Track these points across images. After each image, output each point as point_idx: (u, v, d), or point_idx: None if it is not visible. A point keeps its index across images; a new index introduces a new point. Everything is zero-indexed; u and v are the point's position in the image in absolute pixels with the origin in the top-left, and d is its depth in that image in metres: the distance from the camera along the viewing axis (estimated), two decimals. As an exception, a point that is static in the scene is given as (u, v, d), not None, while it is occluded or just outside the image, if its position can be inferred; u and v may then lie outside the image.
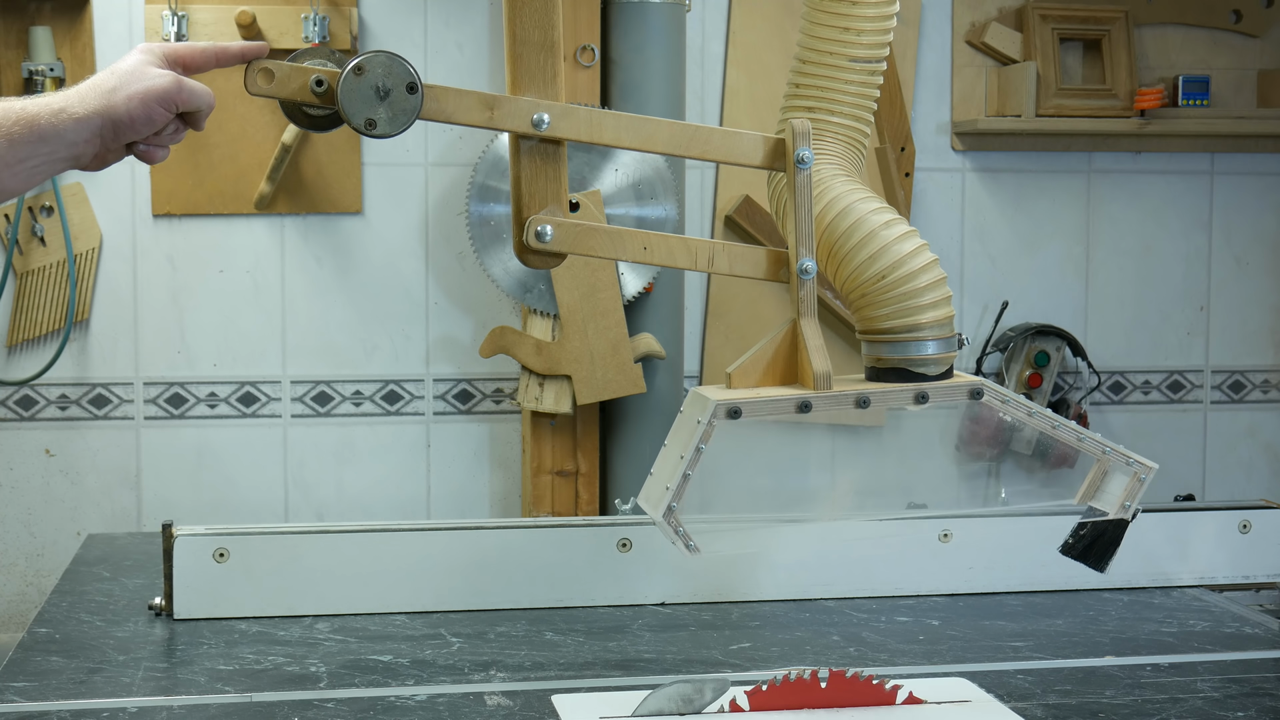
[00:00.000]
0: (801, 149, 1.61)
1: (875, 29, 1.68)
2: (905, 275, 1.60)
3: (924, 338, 1.61)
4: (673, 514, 1.54)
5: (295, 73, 1.60)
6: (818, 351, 1.59)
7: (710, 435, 1.54)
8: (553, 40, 1.62)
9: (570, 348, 3.04)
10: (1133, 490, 1.63)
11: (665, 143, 1.65)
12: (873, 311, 1.61)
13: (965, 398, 1.60)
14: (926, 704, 1.63)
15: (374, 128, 1.59)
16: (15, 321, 3.10)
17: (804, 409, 1.57)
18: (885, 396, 1.60)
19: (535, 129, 1.61)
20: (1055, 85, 3.33)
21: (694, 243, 1.65)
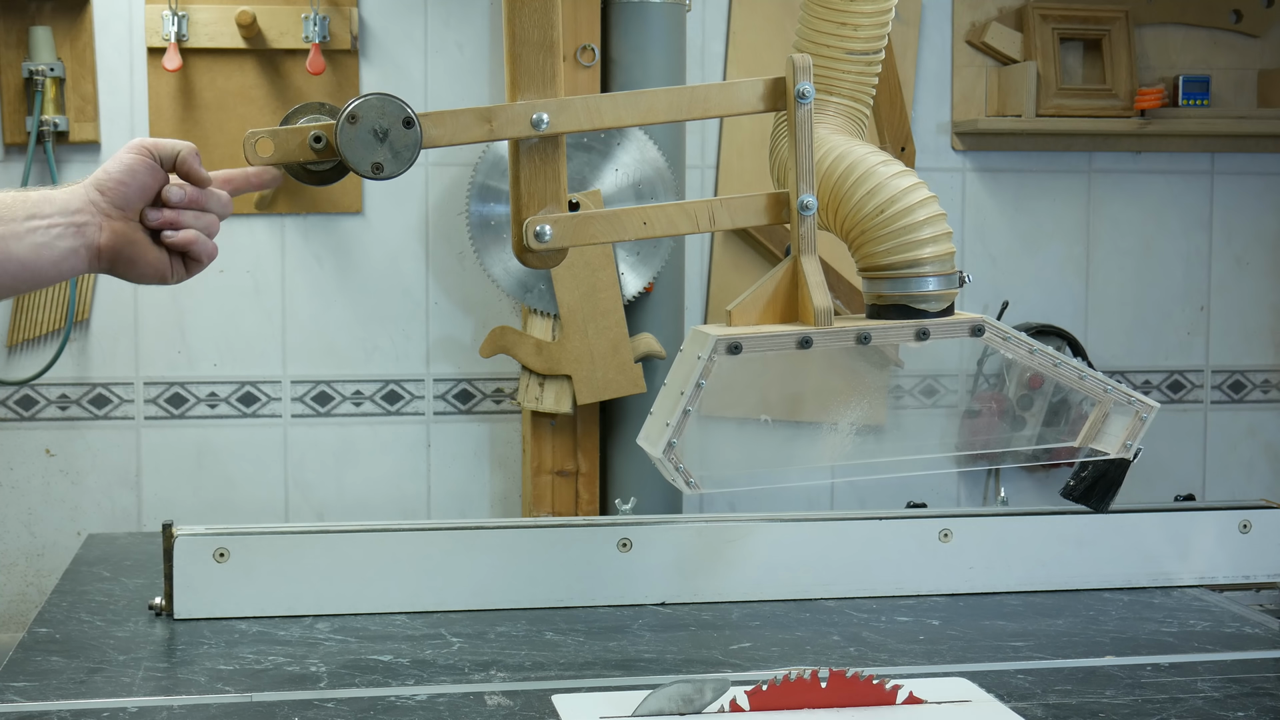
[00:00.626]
0: (802, 83, 1.60)
1: (873, 23, 1.68)
2: (903, 209, 1.60)
3: (924, 273, 1.60)
4: (673, 450, 1.53)
5: (292, 134, 1.61)
6: (818, 288, 1.58)
7: (710, 371, 1.53)
8: (552, 40, 1.62)
9: (570, 348, 3.04)
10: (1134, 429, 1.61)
11: (665, 111, 1.65)
12: (873, 248, 1.60)
13: (966, 334, 1.60)
14: (927, 704, 1.63)
15: (381, 170, 1.59)
16: (15, 321, 3.10)
17: (805, 344, 1.56)
18: (886, 332, 1.59)
19: (535, 130, 1.61)
20: (1055, 85, 3.33)
21: (691, 205, 1.65)
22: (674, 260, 3.12)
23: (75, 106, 3.06)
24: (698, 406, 1.53)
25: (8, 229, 1.50)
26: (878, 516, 2.16)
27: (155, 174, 1.56)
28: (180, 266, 1.59)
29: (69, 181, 1.60)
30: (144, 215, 1.56)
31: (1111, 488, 1.64)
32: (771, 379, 1.74)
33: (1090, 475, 1.64)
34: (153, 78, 3.09)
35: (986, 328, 1.59)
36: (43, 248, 1.51)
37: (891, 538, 2.14)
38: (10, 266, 1.51)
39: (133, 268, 1.57)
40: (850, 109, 1.75)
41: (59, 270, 1.54)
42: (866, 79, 1.73)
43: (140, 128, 3.10)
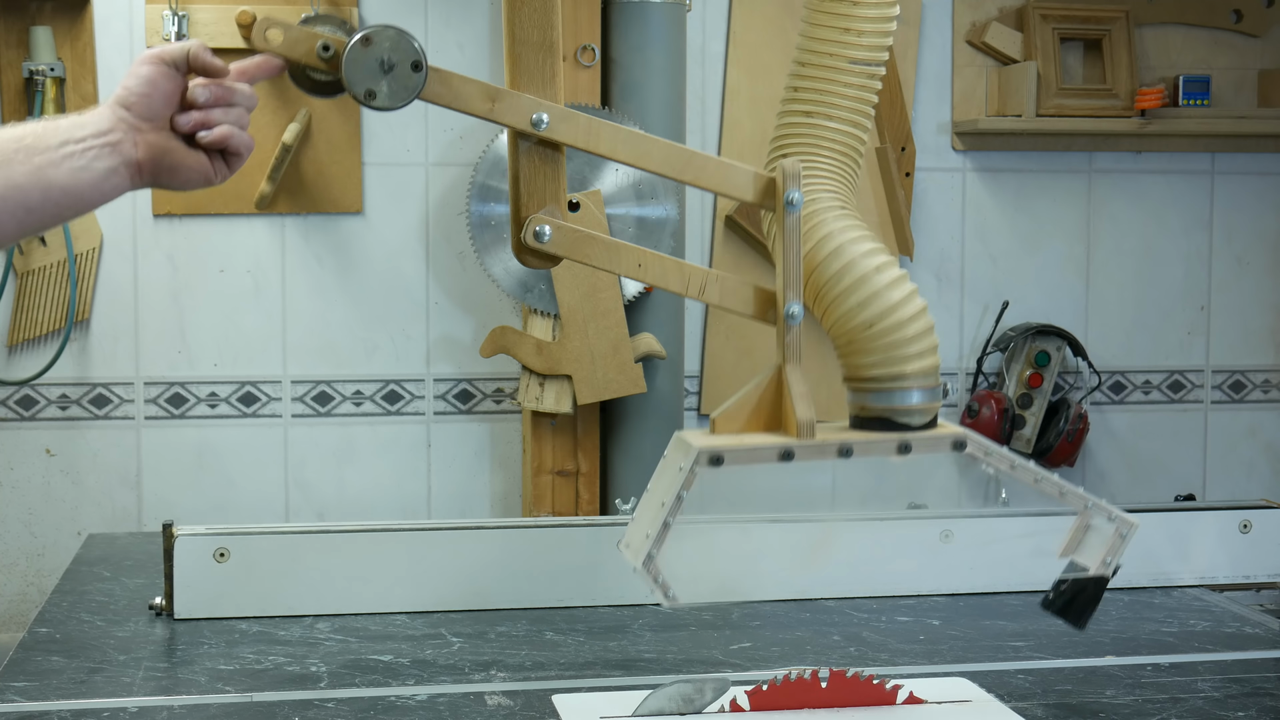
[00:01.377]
0: (791, 191, 1.59)
1: (876, 30, 1.67)
2: (893, 325, 1.58)
3: (909, 387, 1.59)
4: (652, 561, 1.53)
5: (304, 36, 1.60)
6: (802, 399, 1.57)
7: (692, 482, 1.53)
8: (552, 40, 1.62)
9: (571, 347, 3.04)
10: (1114, 546, 1.61)
11: (659, 163, 1.63)
12: (859, 359, 1.59)
13: (948, 449, 1.59)
14: (927, 704, 1.63)
15: (373, 99, 1.58)
16: (16, 321, 3.10)
17: (786, 457, 1.55)
18: (868, 446, 1.58)
19: (534, 128, 1.61)
20: (1056, 85, 3.33)
21: (688, 268, 1.64)
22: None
23: (75, 106, 3.06)
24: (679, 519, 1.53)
25: (44, 158, 1.50)
26: (879, 516, 2.16)
27: (174, 79, 1.55)
28: (222, 165, 1.58)
29: None
30: (174, 122, 1.55)
31: (1090, 604, 1.64)
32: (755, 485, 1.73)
33: (1069, 590, 1.64)
34: (153, 78, 3.09)
35: (969, 442, 1.59)
36: (81, 171, 1.51)
37: (892, 538, 2.14)
38: (53, 194, 1.50)
39: (175, 175, 1.56)
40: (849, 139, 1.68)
41: (102, 192, 1.53)
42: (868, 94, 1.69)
43: (140, 128, 3.10)
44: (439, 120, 3.19)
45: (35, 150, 1.50)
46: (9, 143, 1.50)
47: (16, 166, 1.49)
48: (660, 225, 3.05)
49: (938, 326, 3.32)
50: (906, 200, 3.34)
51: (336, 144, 3.15)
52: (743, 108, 3.29)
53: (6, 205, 1.49)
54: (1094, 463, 3.50)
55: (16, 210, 1.49)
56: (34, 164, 1.49)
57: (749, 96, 3.29)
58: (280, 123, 3.10)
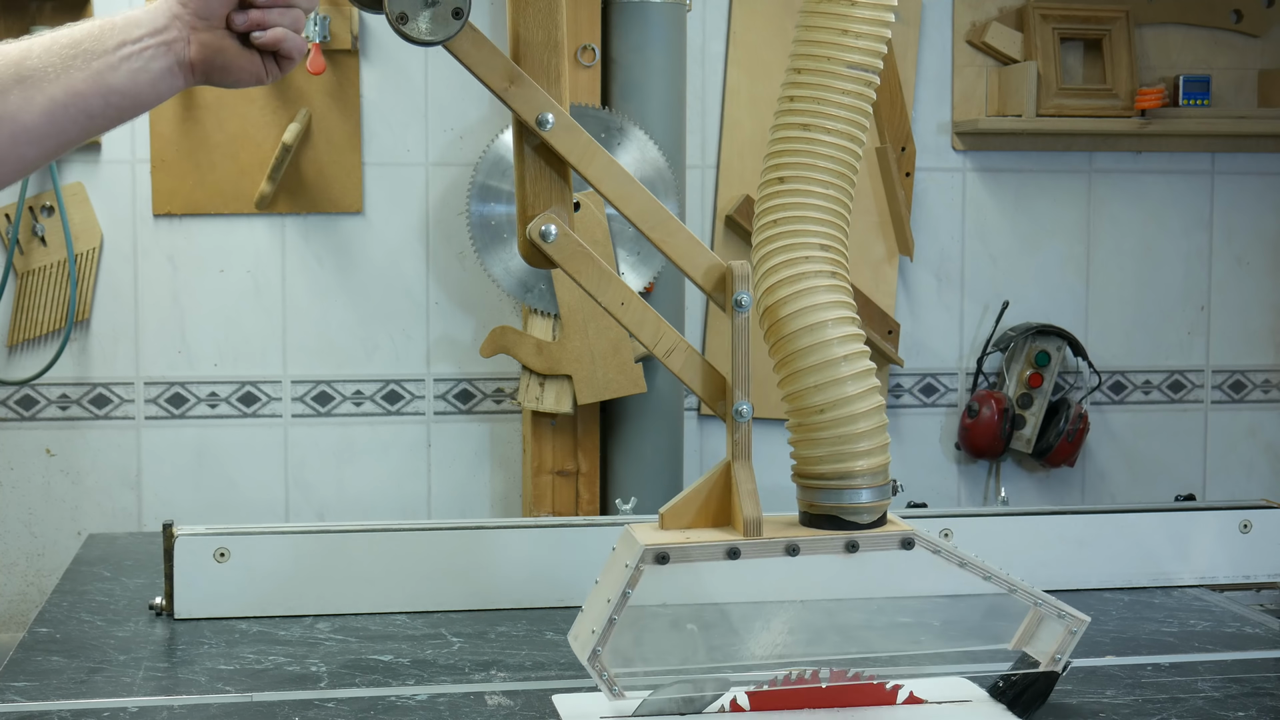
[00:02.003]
0: (740, 293, 1.59)
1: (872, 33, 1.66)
2: (845, 417, 1.56)
3: (857, 486, 1.59)
4: (597, 658, 1.54)
5: None
6: (748, 496, 1.58)
7: (638, 580, 1.53)
8: (556, 40, 1.62)
9: (571, 347, 3.04)
10: (1065, 643, 1.62)
11: (635, 212, 1.62)
12: (808, 451, 1.59)
13: (896, 546, 1.59)
14: (927, 703, 1.63)
15: (404, 22, 1.55)
16: (16, 321, 3.10)
17: (733, 555, 1.56)
18: (815, 544, 1.58)
19: (539, 127, 1.60)
20: (1056, 85, 3.33)
21: (664, 328, 1.63)
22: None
23: (76, 106, 3.05)
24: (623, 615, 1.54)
25: (102, 61, 1.48)
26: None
27: None
28: (274, 65, 1.56)
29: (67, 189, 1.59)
30: (230, 20, 1.53)
31: (1039, 698, 1.65)
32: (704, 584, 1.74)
33: (1020, 683, 1.65)
34: (153, 77, 3.09)
35: (916, 540, 1.59)
36: (139, 73, 1.49)
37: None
38: (113, 99, 1.49)
39: (227, 74, 1.55)
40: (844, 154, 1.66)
41: (157, 91, 1.52)
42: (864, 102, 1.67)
43: (140, 127, 3.10)
44: (439, 120, 3.20)
45: (93, 54, 1.48)
46: (67, 47, 1.48)
47: (75, 73, 1.48)
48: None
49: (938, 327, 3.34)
50: (906, 200, 3.34)
51: (336, 144, 3.15)
52: (743, 108, 3.29)
53: (69, 113, 1.48)
54: (1094, 463, 3.50)
55: (79, 117, 1.49)
56: (93, 69, 1.48)
57: (749, 96, 3.29)
58: (280, 123, 3.10)
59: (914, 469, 3.40)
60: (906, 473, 3.39)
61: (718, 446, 3.30)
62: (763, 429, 3.33)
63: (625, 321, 1.63)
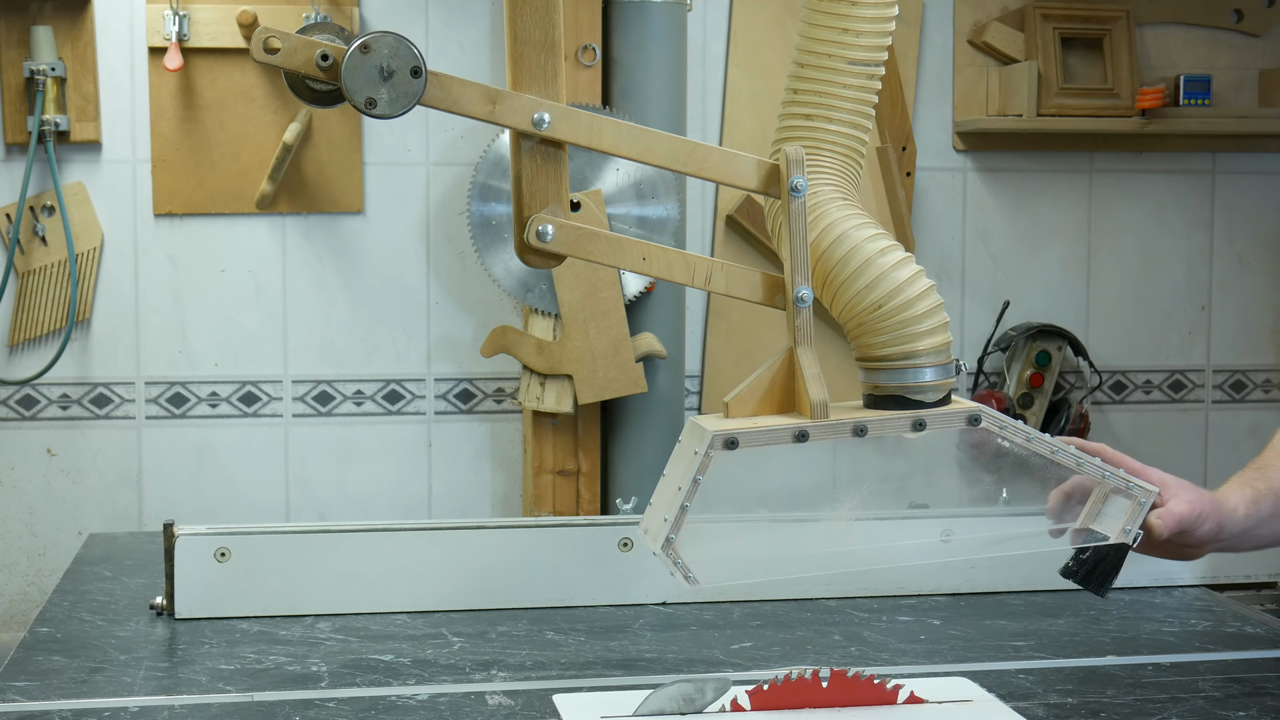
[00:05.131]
0: (795, 177, 1.59)
1: (874, 30, 1.67)
2: (902, 303, 1.58)
3: (921, 365, 1.60)
4: (671, 546, 1.54)
5: (302, 45, 1.59)
6: (814, 380, 1.58)
7: (708, 466, 1.53)
8: (554, 40, 1.62)
9: (571, 347, 3.04)
10: (1134, 514, 1.62)
11: (663, 156, 1.64)
12: (870, 339, 1.60)
13: (963, 424, 1.59)
14: (928, 703, 1.63)
15: (374, 107, 1.57)
16: (17, 321, 3.10)
17: (801, 438, 1.56)
18: (883, 424, 1.59)
19: (536, 128, 1.60)
20: (1057, 85, 3.33)
21: (693, 259, 1.64)
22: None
23: (76, 106, 3.06)
24: (696, 502, 1.53)
25: None
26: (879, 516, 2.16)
27: None
28: None
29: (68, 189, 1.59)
30: None
31: (1111, 572, 1.65)
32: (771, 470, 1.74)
33: (1090, 559, 1.65)
34: (154, 77, 3.09)
35: (983, 417, 1.59)
36: None
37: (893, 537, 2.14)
38: None
39: None
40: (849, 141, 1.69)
41: None
42: (868, 95, 1.69)
43: (141, 127, 3.10)
44: (440, 120, 3.19)
45: None
46: None
47: None
48: (661, 225, 3.05)
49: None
50: (907, 200, 3.34)
51: (337, 144, 3.15)
52: (743, 107, 3.29)
53: None
54: (1095, 462, 3.50)
55: None
56: None
57: (750, 96, 3.29)
58: (281, 122, 3.10)
59: (915, 469, 3.40)
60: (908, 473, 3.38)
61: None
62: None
63: (655, 272, 1.63)
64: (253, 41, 1.59)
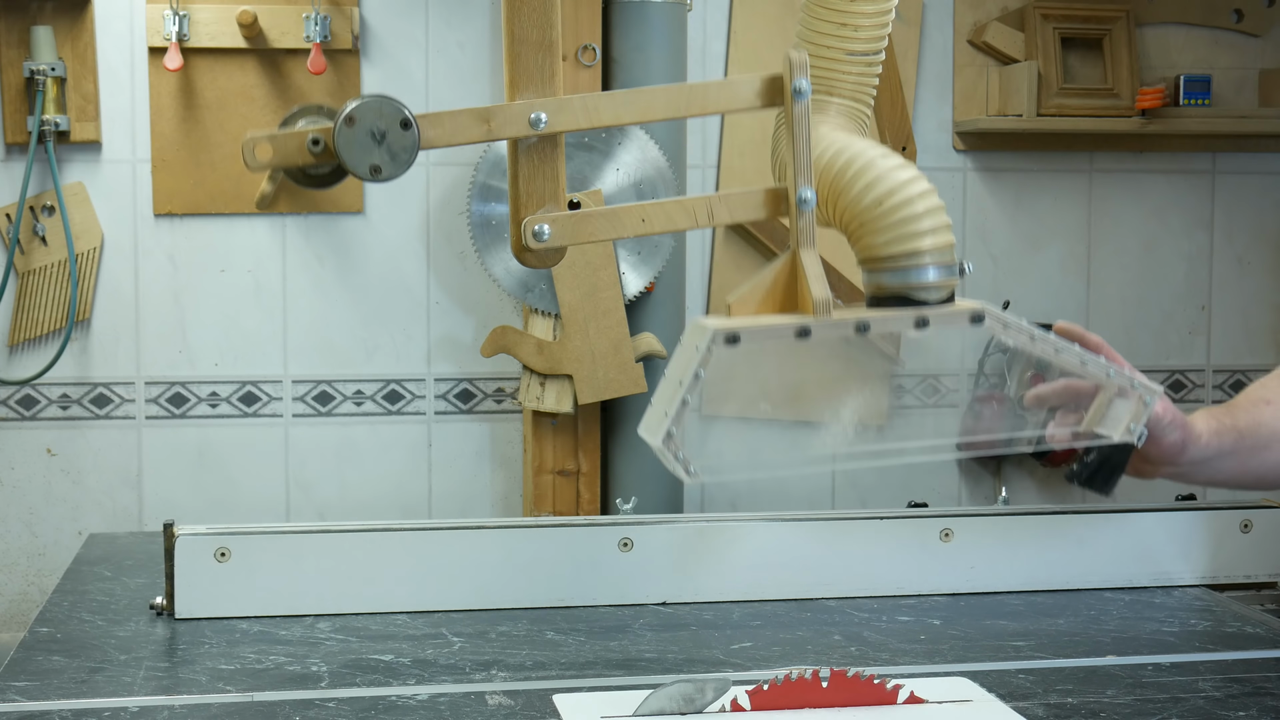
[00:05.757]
0: (798, 79, 1.58)
1: (873, 24, 1.68)
2: (903, 201, 1.58)
3: (924, 264, 1.59)
4: (672, 439, 1.52)
5: (290, 138, 1.59)
6: (817, 279, 1.57)
7: (709, 361, 1.52)
8: (551, 39, 1.62)
9: (571, 347, 3.04)
10: (1138, 413, 1.61)
11: (664, 108, 1.64)
12: (872, 239, 1.59)
13: (966, 322, 1.59)
14: (928, 703, 1.63)
15: (379, 173, 1.58)
16: (16, 321, 3.10)
17: (803, 334, 1.54)
18: (885, 322, 1.57)
19: (534, 129, 1.61)
20: (1057, 85, 3.33)
21: (689, 202, 1.64)
22: (675, 260, 3.12)
23: (76, 106, 3.06)
24: (697, 397, 1.52)
25: None
26: (879, 516, 2.17)
27: None
28: None
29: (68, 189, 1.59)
30: None
31: (1115, 472, 1.64)
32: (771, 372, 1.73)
33: (1095, 460, 1.64)
34: (154, 77, 3.09)
35: (986, 315, 1.58)
36: None
37: (892, 537, 2.14)
38: None
39: None
40: (851, 109, 1.74)
41: None
42: (867, 80, 1.73)
43: (141, 127, 3.10)
44: (440, 120, 3.19)
45: None
46: None
47: None
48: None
49: (938, 326, 3.26)
50: (907, 200, 3.34)
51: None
52: (743, 107, 3.29)
53: None
54: (1095, 462, 3.50)
55: None
56: None
57: (750, 96, 3.29)
58: (281, 122, 3.10)
59: (915, 469, 3.40)
60: (908, 473, 3.39)
61: (718, 446, 3.30)
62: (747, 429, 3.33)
63: (657, 228, 1.63)
64: (243, 152, 1.58)
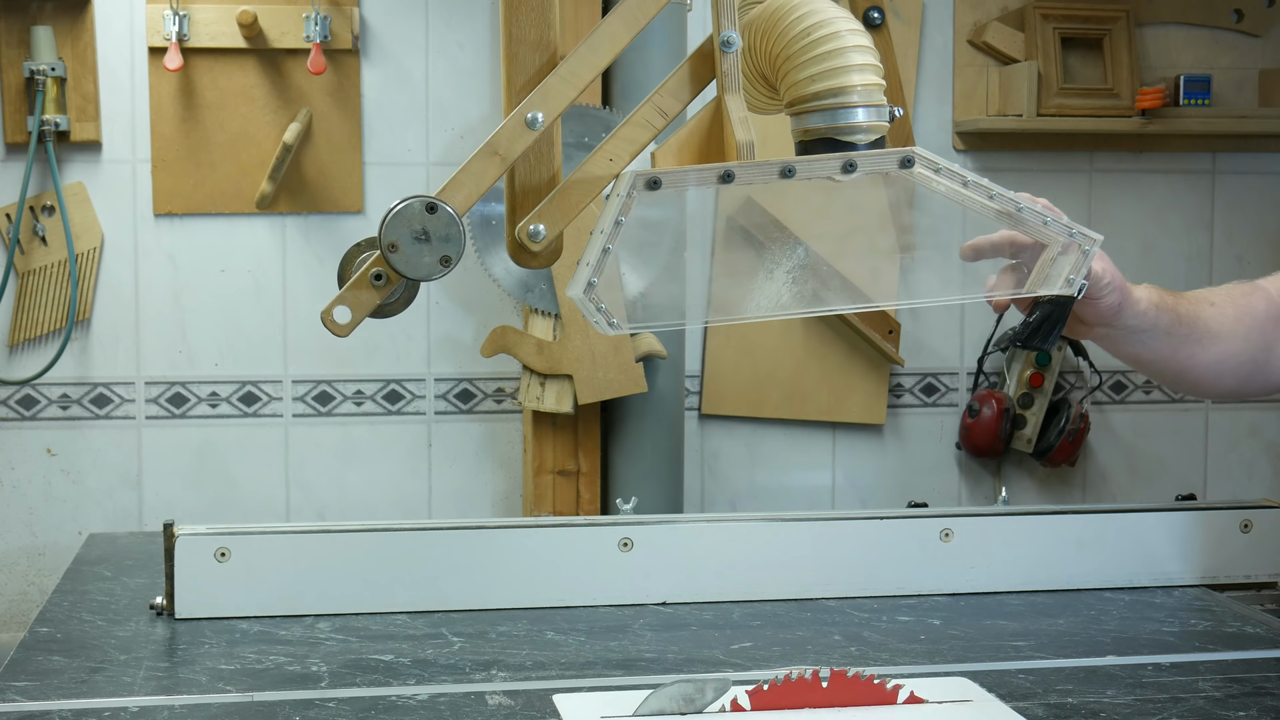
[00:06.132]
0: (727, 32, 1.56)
1: None
2: (829, 34, 1.54)
3: (852, 104, 1.55)
4: (593, 290, 1.49)
5: (363, 293, 1.62)
6: (741, 124, 1.53)
7: (629, 208, 1.49)
8: (548, 40, 1.62)
9: (571, 347, 3.04)
10: (1077, 264, 1.59)
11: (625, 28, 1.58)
12: (797, 74, 1.55)
13: (895, 167, 1.56)
14: (928, 703, 1.63)
15: (450, 263, 1.59)
16: (17, 321, 3.10)
17: (726, 179, 1.51)
18: (811, 166, 1.53)
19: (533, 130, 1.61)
20: (1057, 85, 3.33)
21: (637, 114, 1.59)
22: (675, 259, 3.12)
23: (76, 106, 3.06)
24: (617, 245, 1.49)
25: None
26: (878, 516, 2.17)
27: None
28: None
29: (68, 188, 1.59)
30: None
31: (1055, 326, 1.61)
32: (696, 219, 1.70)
33: (1036, 318, 1.61)
34: (154, 77, 3.09)
35: (916, 159, 1.56)
36: None
37: (892, 537, 2.14)
38: None
39: None
40: None
41: None
42: None
43: (142, 127, 3.10)
44: (440, 120, 3.20)
45: None
46: None
47: None
48: (661, 224, 3.04)
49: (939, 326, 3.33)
50: (907, 200, 3.34)
51: (337, 143, 3.15)
52: (743, 107, 3.29)
53: None
54: (1095, 462, 3.50)
55: None
56: None
57: (750, 96, 3.29)
58: (281, 122, 3.10)
59: (915, 468, 3.40)
60: (907, 472, 3.39)
61: (718, 446, 3.30)
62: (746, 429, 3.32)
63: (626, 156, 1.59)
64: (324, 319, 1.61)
